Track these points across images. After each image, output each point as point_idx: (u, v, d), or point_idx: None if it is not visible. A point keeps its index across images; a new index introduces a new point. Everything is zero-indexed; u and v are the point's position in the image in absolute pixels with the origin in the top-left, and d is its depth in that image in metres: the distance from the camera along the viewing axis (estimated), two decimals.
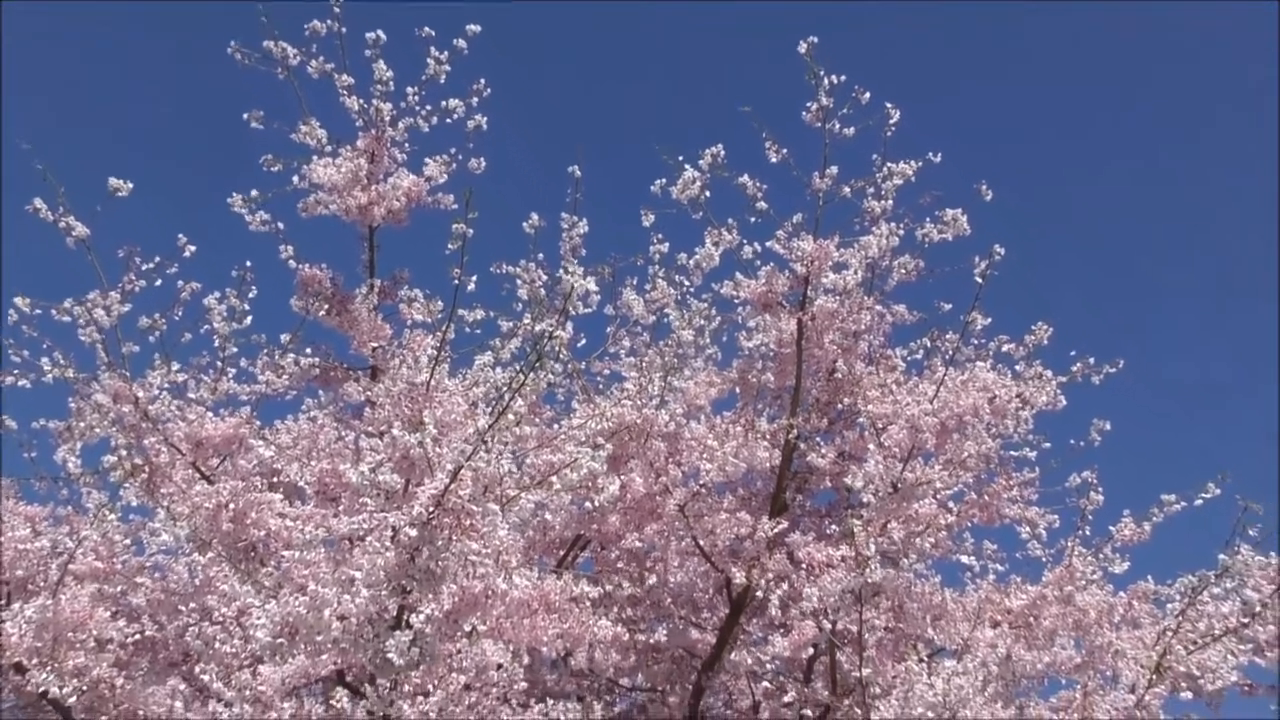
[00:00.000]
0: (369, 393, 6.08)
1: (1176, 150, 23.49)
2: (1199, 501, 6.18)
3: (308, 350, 6.63)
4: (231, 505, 5.18)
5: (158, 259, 6.19)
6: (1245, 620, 4.92)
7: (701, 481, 6.53)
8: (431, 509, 3.92)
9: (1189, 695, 5.19)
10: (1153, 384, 21.74)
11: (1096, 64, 23.29)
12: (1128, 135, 23.59)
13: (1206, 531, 7.00)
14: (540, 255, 6.76)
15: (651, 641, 6.52)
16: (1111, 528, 6.57)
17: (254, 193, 6.50)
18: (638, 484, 6.24)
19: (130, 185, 5.82)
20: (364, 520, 4.04)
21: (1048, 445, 6.86)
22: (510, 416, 4.08)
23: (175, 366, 6.17)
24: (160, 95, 22.62)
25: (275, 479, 5.98)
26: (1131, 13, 22.24)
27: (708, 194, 6.65)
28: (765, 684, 6.81)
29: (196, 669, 4.72)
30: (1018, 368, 6.79)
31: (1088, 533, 6.60)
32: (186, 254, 6.26)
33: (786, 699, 6.41)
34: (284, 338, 6.65)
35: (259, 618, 3.99)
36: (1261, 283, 22.88)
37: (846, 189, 6.73)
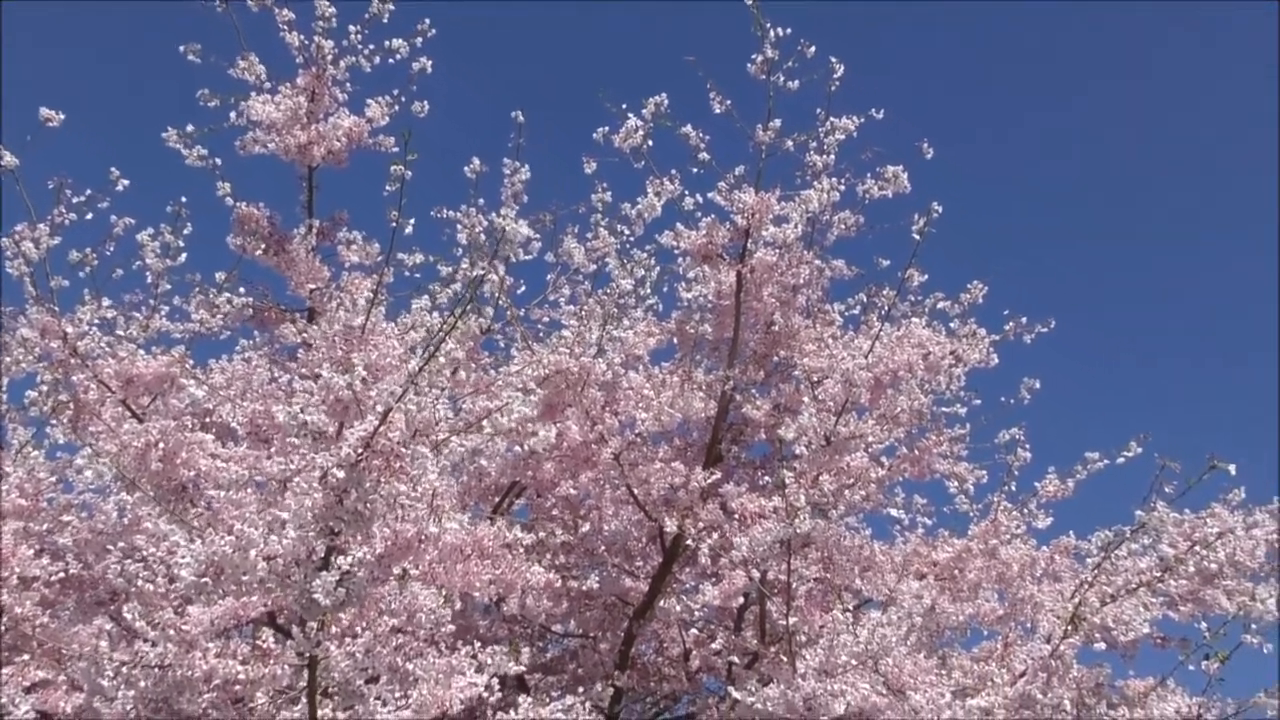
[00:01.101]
0: (305, 334, 6.03)
1: (1114, 109, 23.75)
2: (1121, 460, 6.34)
3: (241, 289, 6.55)
4: (161, 444, 5.12)
5: (89, 192, 6.06)
6: (1159, 575, 5.05)
7: (637, 431, 6.57)
8: (360, 450, 3.91)
9: (1103, 646, 5.35)
10: (1082, 345, 22.17)
11: (1036, 21, 23.39)
12: (1068, 94, 23.80)
13: (1127, 489, 7.18)
14: (481, 201, 6.71)
15: (584, 588, 6.57)
16: (1037, 484, 6.73)
17: (190, 128, 6.38)
18: (574, 432, 6.26)
19: (62, 116, 5.68)
20: (292, 461, 4.02)
21: (979, 402, 7.00)
22: (442, 359, 4.07)
23: (106, 302, 6.06)
24: (95, 25, 22.02)
25: (208, 419, 5.92)
26: None
27: (650, 143, 6.62)
28: (694, 631, 6.91)
29: (124, 609, 4.70)
30: (952, 325, 6.88)
31: (1014, 488, 6.76)
32: (119, 188, 6.13)
33: (714, 645, 6.51)
34: (219, 276, 6.56)
35: (184, 556, 3.97)
36: (1192, 249, 23.34)
37: (789, 142, 6.73)
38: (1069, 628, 4.91)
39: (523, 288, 7.10)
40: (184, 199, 6.36)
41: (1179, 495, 5.31)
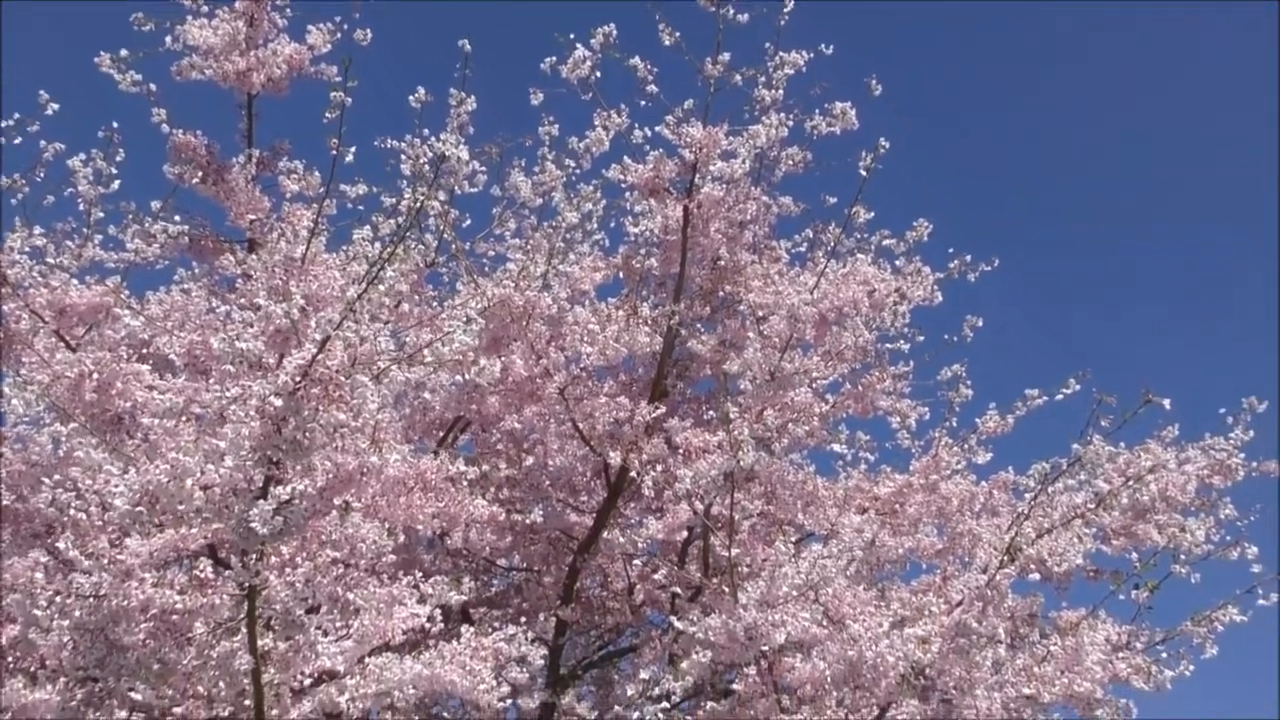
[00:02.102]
0: (244, 265, 5.92)
1: (1061, 51, 23.86)
2: (1060, 397, 6.44)
3: (178, 219, 6.41)
4: (95, 375, 5.03)
5: (17, 116, 5.88)
6: (1093, 507, 5.16)
7: (582, 365, 6.56)
8: (298, 378, 3.85)
9: (1037, 577, 5.47)
10: (1024, 284, 22.44)
11: None
12: (1013, 32, 23.84)
13: (1066, 425, 7.28)
14: (426, 132, 6.59)
15: (528, 522, 6.58)
16: (978, 420, 6.82)
17: (124, 52, 6.19)
18: (518, 366, 6.24)
19: None
20: (229, 390, 3.96)
21: (922, 339, 7.05)
22: (382, 288, 4.02)
23: (37, 230, 5.91)
24: None
25: (145, 351, 5.82)
26: None
27: (598, 75, 6.53)
28: (638, 563, 6.97)
29: (59, 541, 4.63)
30: (898, 263, 6.91)
31: (955, 425, 6.85)
32: (49, 112, 5.96)
33: (657, 577, 6.57)
34: (155, 205, 6.40)
35: (117, 486, 3.91)
36: (1133, 188, 23.63)
37: (738, 77, 6.66)
38: (1005, 559, 5.01)
39: (468, 221, 7.01)
40: (115, 124, 6.19)
41: (1114, 429, 5.41)
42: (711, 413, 7.04)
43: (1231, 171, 23.18)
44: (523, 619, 7.17)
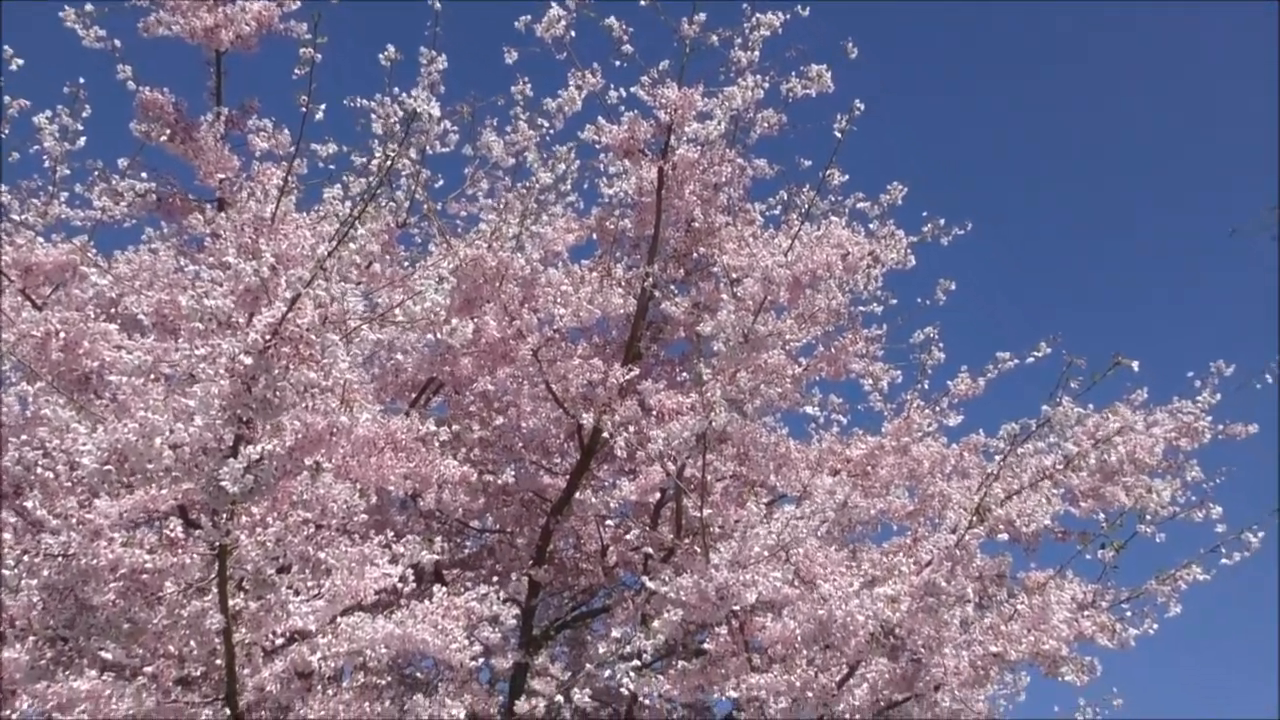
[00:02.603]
0: (213, 224, 5.86)
1: (1040, 16, 23.87)
2: (1031, 360, 6.48)
3: (145, 176, 6.32)
4: (62, 334, 4.97)
5: None
6: (1061, 468, 5.20)
7: (555, 327, 6.54)
8: (268, 337, 3.82)
9: (1005, 537, 5.52)
10: (998, 248, 22.54)
11: None
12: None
13: (1037, 389, 7.33)
14: (397, 90, 6.52)
15: (501, 483, 6.58)
16: (949, 382, 6.85)
17: (89, 7, 6.09)
18: (491, 328, 6.21)
19: None
20: (198, 348, 3.93)
21: (895, 302, 7.06)
22: (353, 245, 3.98)
23: (2, 187, 5.83)
24: None
25: (113, 311, 5.76)
26: None
27: (573, 34, 6.47)
28: (610, 523, 6.99)
29: (27, 501, 4.59)
30: (872, 226, 6.89)
31: (926, 387, 6.88)
32: (13, 67, 5.86)
33: (629, 537, 6.59)
34: (122, 163, 6.32)
35: (85, 444, 3.88)
36: (1102, 155, 23.73)
37: (714, 37, 6.61)
38: (974, 519, 5.04)
39: (440, 181, 6.94)
40: (81, 80, 6.09)
41: (1084, 391, 5.45)
42: (685, 375, 7.05)
43: (1201, 134, 23.32)
44: (495, 580, 7.19)
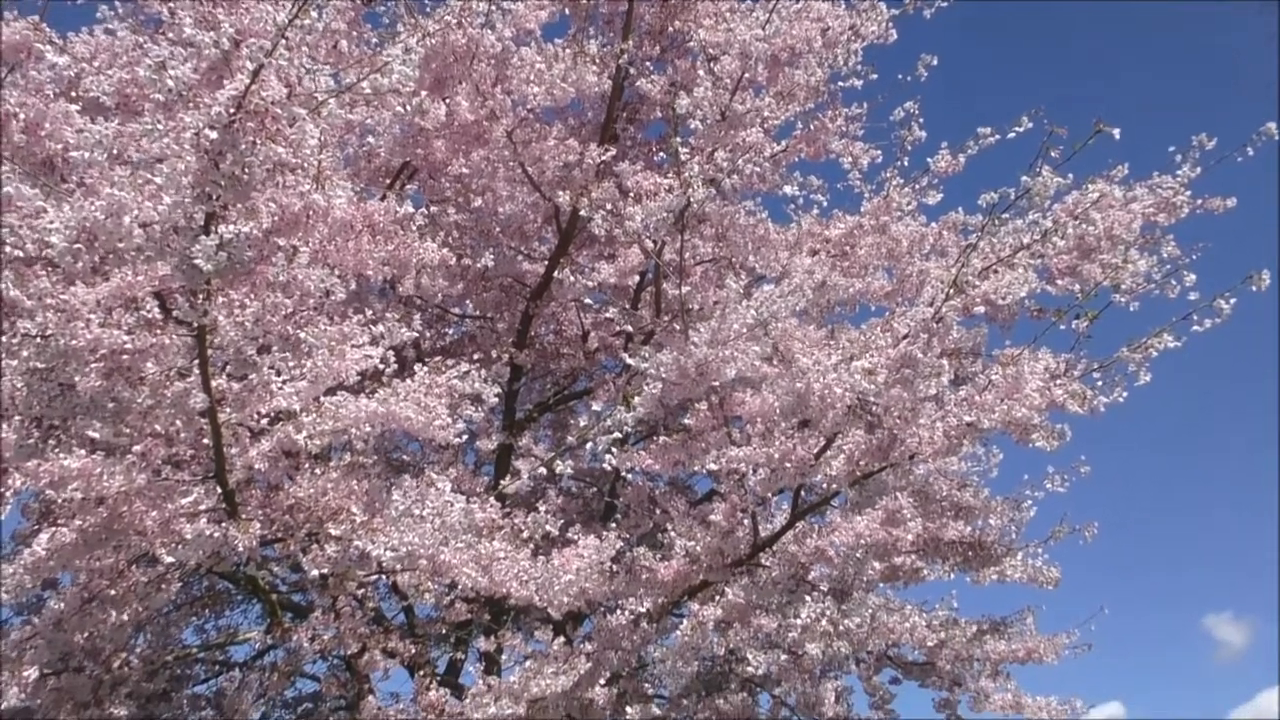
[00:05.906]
0: (170, 2, 5.62)
1: None
2: (1012, 135, 6.35)
3: None
4: (21, 116, 4.82)
5: None
6: (1038, 238, 5.18)
7: (529, 108, 6.38)
8: (232, 110, 3.72)
9: (982, 310, 5.56)
10: (982, 21, 21.99)
11: None
12: None
13: (1017, 165, 7.26)
14: None
15: (479, 267, 6.54)
16: (929, 160, 6.76)
17: None
18: (464, 109, 6.07)
19: None
20: (160, 123, 3.82)
21: (875, 78, 6.86)
22: (314, 13, 3.82)
23: None
24: None
25: (74, 94, 5.57)
26: None
27: None
28: (589, 301, 7.00)
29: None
30: None
31: (906, 165, 6.79)
32: None
33: (609, 315, 6.61)
34: None
35: (53, 223, 3.82)
36: None
37: None
38: (951, 291, 5.06)
39: None
40: None
41: (1064, 161, 5.38)
42: (662, 155, 6.93)
43: None
44: (478, 364, 7.25)
